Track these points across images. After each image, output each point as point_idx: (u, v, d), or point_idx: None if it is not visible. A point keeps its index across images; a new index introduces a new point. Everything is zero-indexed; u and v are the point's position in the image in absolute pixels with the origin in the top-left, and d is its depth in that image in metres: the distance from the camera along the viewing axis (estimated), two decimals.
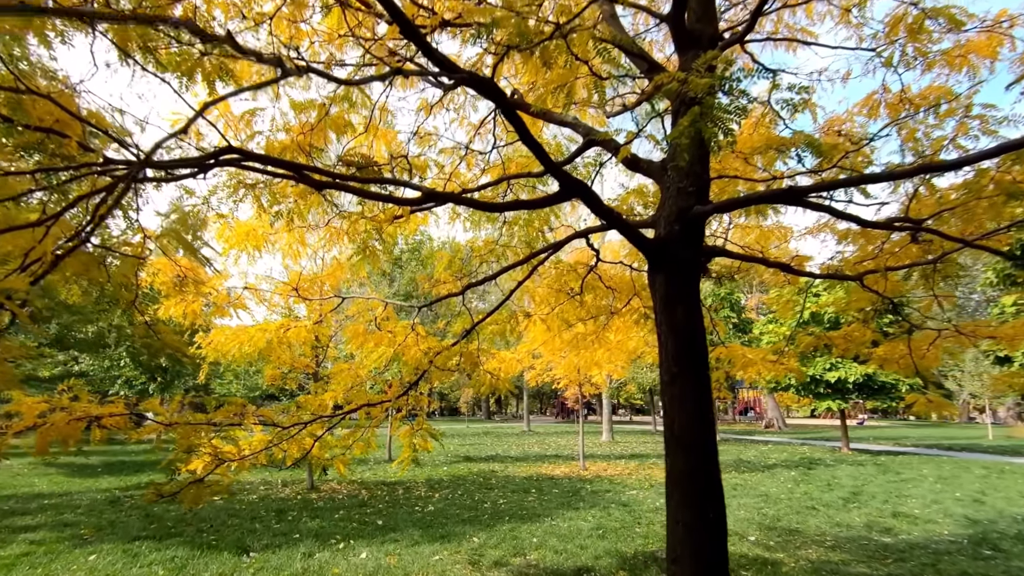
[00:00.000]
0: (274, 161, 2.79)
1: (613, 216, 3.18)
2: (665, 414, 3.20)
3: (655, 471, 15.58)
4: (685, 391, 3.09)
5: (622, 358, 9.44)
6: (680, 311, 3.22)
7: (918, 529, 8.83)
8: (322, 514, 9.63)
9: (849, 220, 3.54)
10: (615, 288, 6.29)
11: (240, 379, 29.91)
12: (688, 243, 3.31)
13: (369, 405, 4.05)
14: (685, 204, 3.30)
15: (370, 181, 3.07)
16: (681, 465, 3.05)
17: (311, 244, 6.04)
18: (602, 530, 8.46)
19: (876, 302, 5.33)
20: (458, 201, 3.40)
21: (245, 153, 2.61)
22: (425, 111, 5.98)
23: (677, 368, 3.13)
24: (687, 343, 3.18)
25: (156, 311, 5.47)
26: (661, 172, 3.51)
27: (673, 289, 3.26)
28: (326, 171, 2.87)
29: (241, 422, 3.57)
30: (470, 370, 4.47)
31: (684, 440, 3.05)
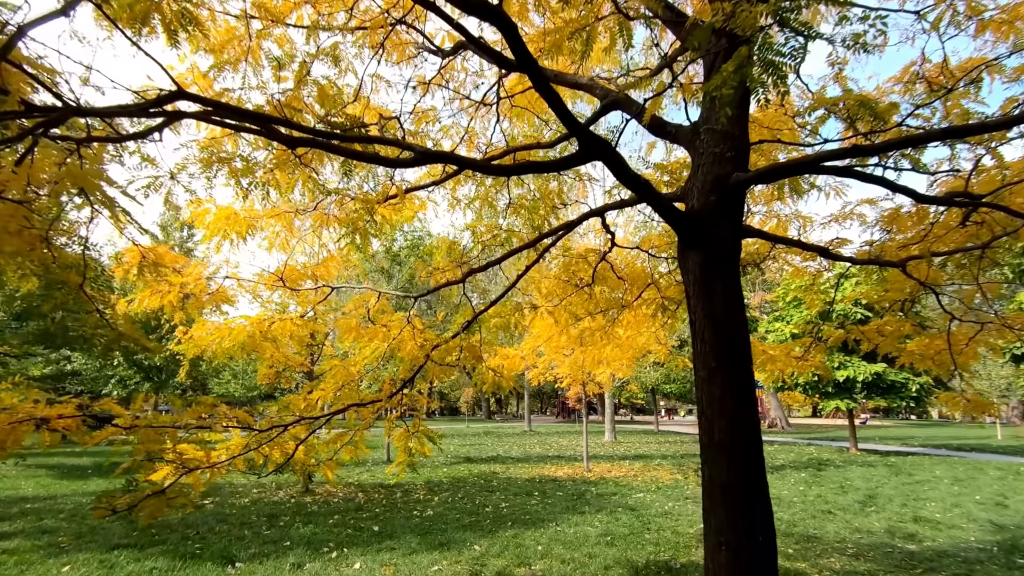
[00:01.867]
0: (234, 111, 2.34)
1: (640, 183, 2.74)
2: (701, 417, 2.76)
3: (661, 473, 15.14)
4: (726, 389, 2.65)
5: (630, 355, 9.00)
6: (719, 295, 2.77)
7: (943, 535, 8.39)
8: (316, 519, 9.19)
9: (905, 194, 3.10)
10: (627, 279, 5.84)
11: (239, 378, 29.43)
12: (727, 216, 2.87)
13: (358, 405, 3.60)
14: (722, 171, 2.86)
15: (354, 140, 2.63)
16: (724, 476, 2.60)
17: (300, 231, 5.61)
18: (610, 537, 8.01)
19: (915, 291, 4.88)
20: (457, 162, 2.93)
21: (198, 99, 2.16)
22: (422, 88, 5.54)
23: (716, 362, 2.69)
24: (727, 332, 2.74)
25: (129, 304, 5.04)
26: (692, 136, 3.07)
27: (710, 269, 2.81)
28: (301, 126, 2.44)
29: (211, 425, 3.12)
30: (472, 364, 4.03)
31: (727, 447, 2.60)
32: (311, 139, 2.49)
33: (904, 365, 16.65)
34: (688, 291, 2.93)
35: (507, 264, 8.77)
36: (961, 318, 4.94)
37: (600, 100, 3.37)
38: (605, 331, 6.73)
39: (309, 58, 3.22)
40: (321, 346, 13.18)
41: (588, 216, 3.71)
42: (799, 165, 2.81)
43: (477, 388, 5.79)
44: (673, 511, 9.81)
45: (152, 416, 3.20)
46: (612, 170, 2.65)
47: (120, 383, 23.56)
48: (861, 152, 2.58)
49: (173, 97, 2.12)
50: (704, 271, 2.84)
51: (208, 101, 2.18)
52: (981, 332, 5.19)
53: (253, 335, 4.76)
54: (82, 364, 22.92)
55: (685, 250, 2.98)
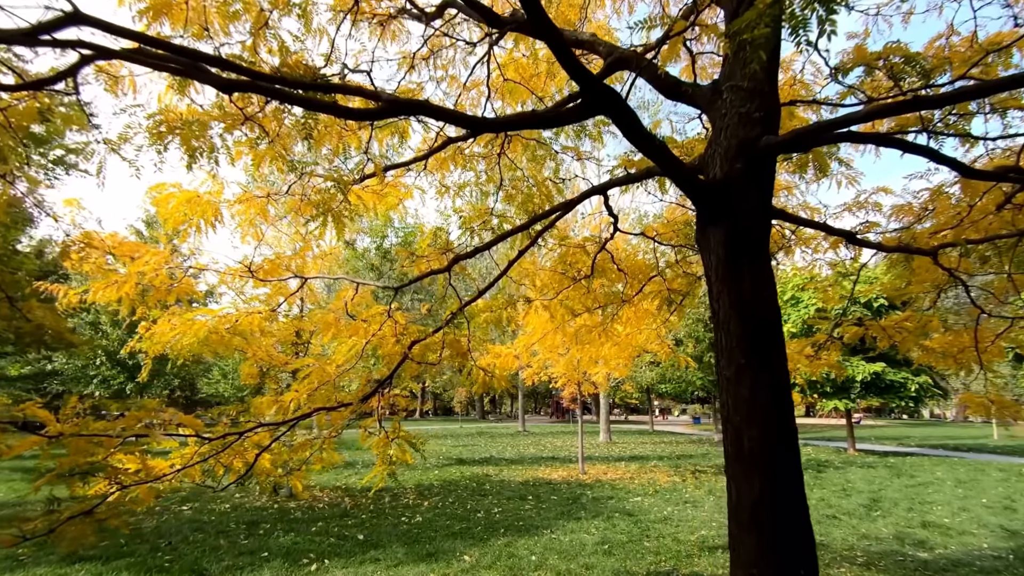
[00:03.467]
0: (150, 41, 1.89)
1: (654, 145, 2.32)
2: (727, 424, 2.34)
3: (658, 475, 14.76)
4: (757, 390, 2.24)
5: (628, 354, 8.59)
6: (747, 278, 2.37)
7: (954, 542, 8.03)
8: (298, 526, 8.72)
9: (950, 166, 2.70)
10: (627, 272, 5.43)
11: (228, 378, 28.81)
12: (755, 186, 2.46)
13: (325, 409, 3.16)
14: (750, 134, 2.45)
15: (305, 86, 2.19)
16: (755, 496, 2.18)
17: (275, 220, 5.16)
18: (608, 545, 7.60)
19: (942, 283, 4.49)
20: (435, 113, 2.47)
21: (100, 23, 1.70)
22: (407, 63, 5.10)
23: (745, 358, 2.28)
24: (758, 322, 2.33)
25: (82, 297, 4.57)
26: (713, 97, 2.66)
27: (736, 249, 2.41)
28: (240, 67, 2.01)
29: (149, 433, 2.67)
30: (458, 363, 3.60)
31: (759, 460, 2.19)
32: (250, 82, 2.05)
33: (903, 365, 16.24)
34: (709, 275, 2.52)
35: (500, 256, 8.32)
36: (991, 312, 4.55)
37: (604, 58, 2.95)
38: (604, 328, 6.31)
39: (270, 5, 2.78)
40: (307, 345, 12.71)
41: (589, 195, 3.29)
42: (842, 123, 2.39)
43: (467, 388, 5.35)
44: (673, 516, 9.42)
45: (84, 423, 2.75)
46: (621, 128, 2.23)
47: (103, 383, 22.93)
48: (922, 104, 2.18)
49: (67, 21, 1.68)
50: (729, 251, 2.42)
51: (115, 28, 1.73)
52: (1009, 328, 4.82)
53: (216, 330, 4.30)
54: (63, 364, 22.28)
55: (706, 227, 2.56)
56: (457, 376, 31.69)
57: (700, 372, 28.01)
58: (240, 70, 1.99)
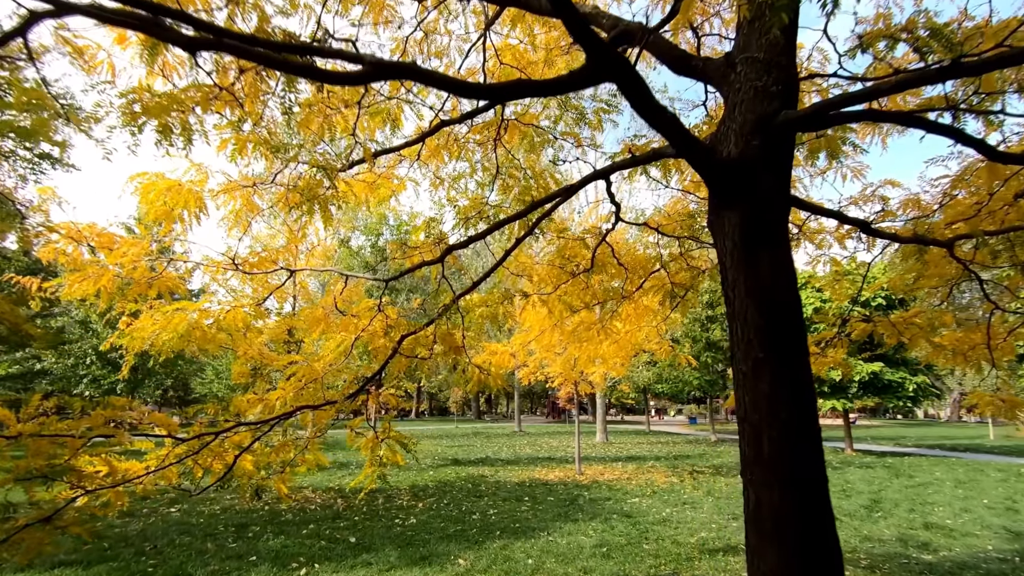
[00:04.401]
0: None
1: (665, 117, 2.13)
2: (743, 424, 2.15)
3: (655, 475, 14.60)
4: (778, 386, 2.06)
5: (627, 352, 8.41)
6: (765, 264, 2.19)
7: (958, 544, 7.89)
8: (288, 529, 8.50)
9: (978, 148, 2.54)
10: (628, 266, 5.25)
11: (222, 377, 28.52)
12: (773, 165, 2.29)
13: (308, 408, 2.96)
14: (767, 109, 2.28)
15: (280, 48, 2.00)
16: (777, 504, 1.99)
17: (264, 212, 4.95)
18: (606, 548, 7.42)
19: (955, 277, 4.33)
20: (425, 78, 2.23)
21: None
22: (400, 52, 4.91)
23: (764, 351, 2.10)
24: (778, 312, 2.15)
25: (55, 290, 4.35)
26: (726, 71, 2.48)
27: (753, 233, 2.22)
28: (206, 23, 1.81)
29: (116, 433, 2.47)
30: (452, 359, 3.40)
31: (781, 464, 2.00)
32: (216, 40, 1.85)
33: (901, 365, 16.11)
34: (724, 261, 2.33)
35: (497, 250, 8.11)
36: (1005, 308, 4.39)
37: (608, 31, 2.76)
38: (603, 325, 6.14)
39: None
40: (300, 343, 12.50)
41: (590, 179, 3.11)
42: (867, 95, 2.21)
43: (461, 387, 5.16)
44: (671, 518, 9.25)
45: (48, 422, 2.54)
46: (630, 97, 2.05)
47: (93, 382, 22.61)
48: (962, 71, 2.00)
49: None
50: (746, 236, 2.24)
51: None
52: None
53: (198, 326, 4.09)
54: (52, 363, 21.94)
55: (720, 210, 2.37)
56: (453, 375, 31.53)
57: (697, 372, 27.91)
58: (206, 27, 1.80)
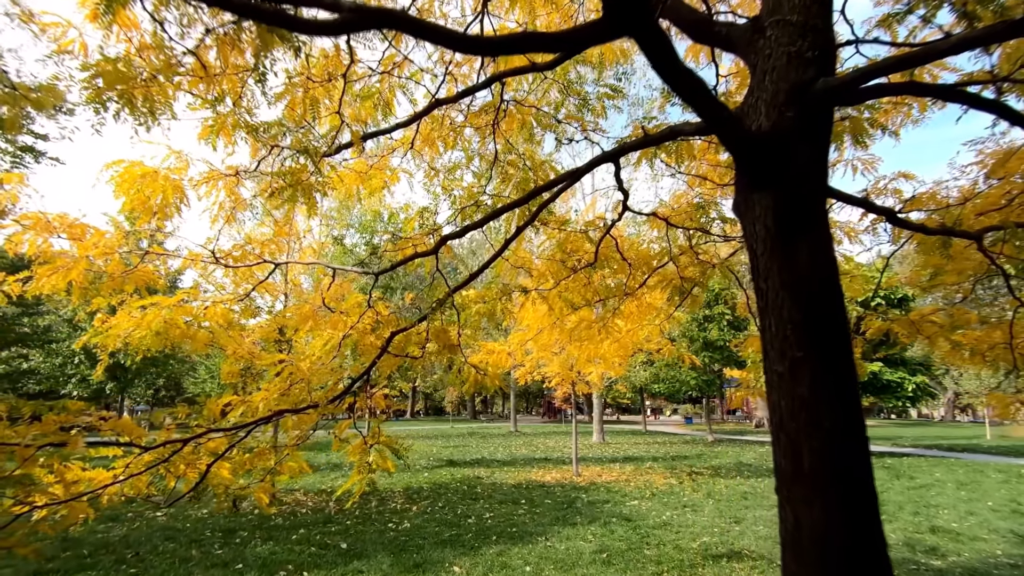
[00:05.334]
0: None
1: (691, 81, 1.87)
2: (779, 433, 1.88)
3: (654, 477, 14.38)
4: (821, 390, 1.81)
5: (627, 351, 8.17)
6: (804, 251, 1.94)
7: (966, 548, 7.70)
8: (278, 534, 8.22)
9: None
10: (632, 261, 5.01)
11: (215, 377, 28.15)
12: (811, 140, 2.04)
13: (290, 411, 2.71)
14: (803, 77, 2.02)
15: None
16: (821, 524, 1.73)
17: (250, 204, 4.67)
18: (607, 553, 7.18)
19: (978, 272, 4.11)
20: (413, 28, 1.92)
21: None
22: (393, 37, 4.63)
23: (803, 350, 1.85)
24: (819, 306, 1.90)
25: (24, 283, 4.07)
26: (753, 36, 2.22)
27: (789, 217, 1.97)
28: None
29: (67, 440, 2.20)
30: (446, 358, 3.15)
31: (825, 479, 1.75)
32: None
33: (900, 364, 16.01)
34: (754, 250, 2.08)
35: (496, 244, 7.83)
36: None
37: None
38: (604, 323, 5.89)
39: None
40: (291, 342, 12.21)
41: (598, 162, 2.85)
42: (920, 58, 1.96)
43: (457, 387, 4.90)
44: (672, 521, 9.02)
45: None
46: (650, 55, 1.80)
47: (82, 382, 22.21)
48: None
49: None
50: (780, 218, 1.99)
51: None
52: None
53: (173, 322, 3.82)
54: (40, 362, 21.53)
55: (750, 192, 2.12)
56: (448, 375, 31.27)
57: (694, 372, 27.73)
58: None
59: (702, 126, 2.41)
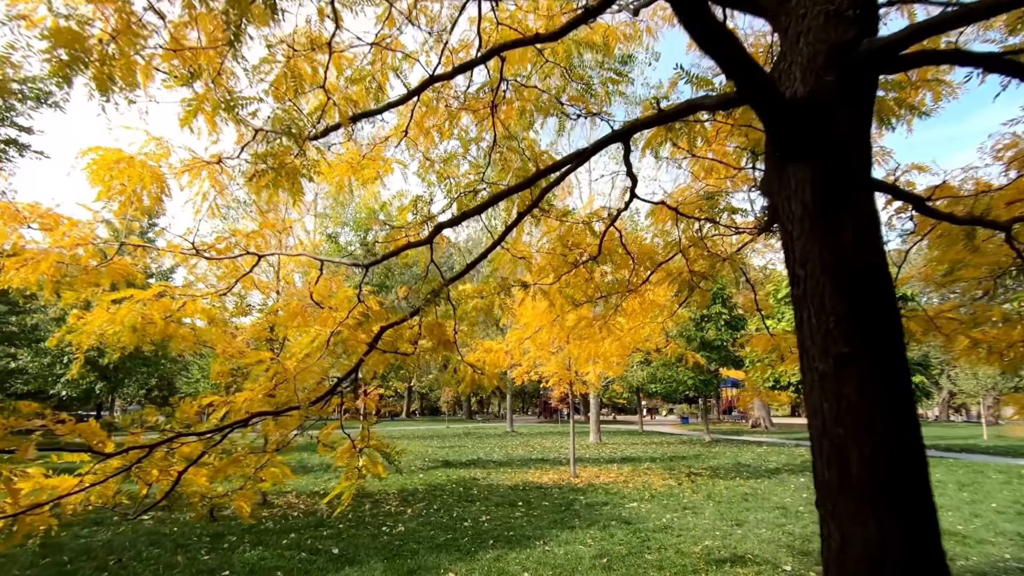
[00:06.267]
0: None
1: (723, 37, 1.66)
2: (820, 439, 1.64)
3: (652, 478, 14.19)
4: (869, 389, 1.58)
5: (628, 350, 7.96)
6: (848, 230, 1.71)
7: (974, 552, 7.53)
8: (267, 539, 7.98)
9: None
10: (636, 256, 4.79)
11: (208, 377, 27.78)
12: (853, 106, 1.83)
13: (267, 414, 2.48)
14: (843, 37, 1.80)
15: None
16: (873, 544, 1.50)
17: (237, 196, 4.44)
18: (607, 558, 6.97)
19: (1002, 266, 3.91)
20: None
21: None
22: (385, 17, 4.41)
23: (850, 344, 1.62)
24: (868, 292, 1.68)
25: None
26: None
27: (833, 189, 1.75)
28: None
29: (19, 447, 1.96)
30: (441, 355, 2.93)
31: (877, 492, 1.51)
32: None
33: None
34: (789, 232, 1.85)
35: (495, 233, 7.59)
36: None
37: None
38: (605, 321, 5.68)
39: None
40: (283, 341, 11.96)
41: (606, 143, 2.63)
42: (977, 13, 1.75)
43: (453, 387, 4.67)
44: (673, 524, 8.82)
45: None
46: (679, 9, 1.58)
47: (71, 383, 21.82)
48: None
49: None
50: (821, 194, 1.76)
51: None
52: None
53: (149, 317, 3.57)
54: (28, 361, 21.15)
55: (783, 166, 1.89)
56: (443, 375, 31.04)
57: (691, 372, 27.58)
58: None
59: (724, 98, 2.19)
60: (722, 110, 2.55)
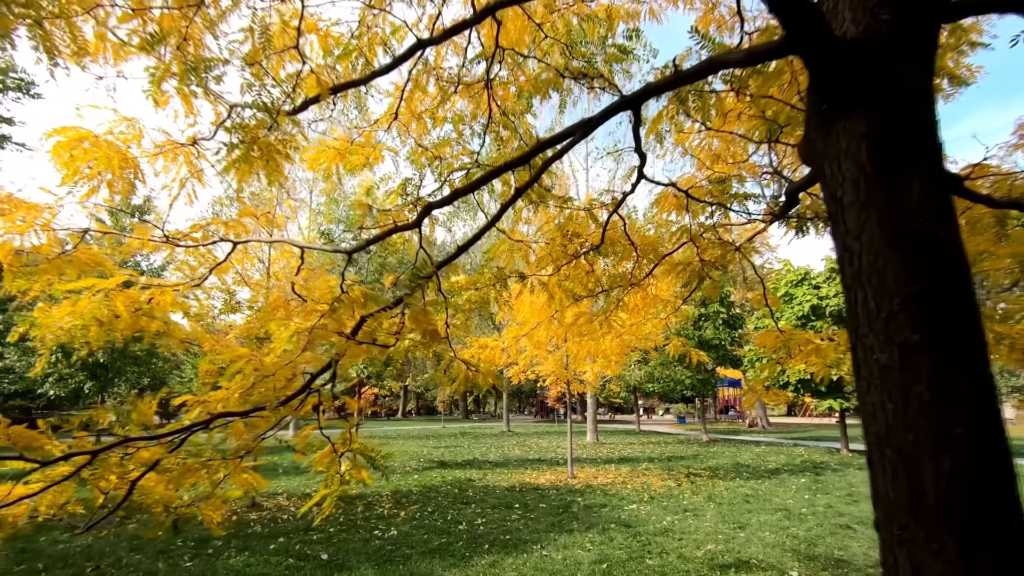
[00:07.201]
0: None
1: None
2: (881, 447, 1.33)
3: (651, 478, 13.95)
4: (948, 387, 1.30)
5: (628, 348, 7.70)
6: (915, 193, 1.42)
7: None
8: (254, 544, 7.69)
9: None
10: (639, 247, 4.53)
11: None
12: (915, 47, 1.56)
13: (233, 415, 2.20)
14: None
15: None
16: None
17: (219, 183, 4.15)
18: (607, 563, 6.71)
19: None
20: None
21: None
22: None
23: (920, 331, 1.33)
24: (942, 267, 1.41)
25: None
26: None
27: (895, 145, 1.48)
28: None
29: None
30: (429, 348, 2.66)
31: (961, 519, 1.23)
32: None
33: None
34: (839, 198, 1.56)
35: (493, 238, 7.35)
36: None
37: None
38: (607, 316, 5.41)
39: None
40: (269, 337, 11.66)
41: (615, 110, 2.35)
42: None
43: (446, 386, 4.40)
44: (674, 527, 8.57)
45: None
46: None
47: (59, 381, 21.40)
48: None
49: None
50: (880, 153, 1.47)
51: None
52: None
53: (114, 309, 3.28)
54: (15, 360, 20.74)
55: (833, 120, 1.60)
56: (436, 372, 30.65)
57: (689, 371, 27.35)
58: None
59: (752, 52, 1.92)
60: (751, 64, 2.28)
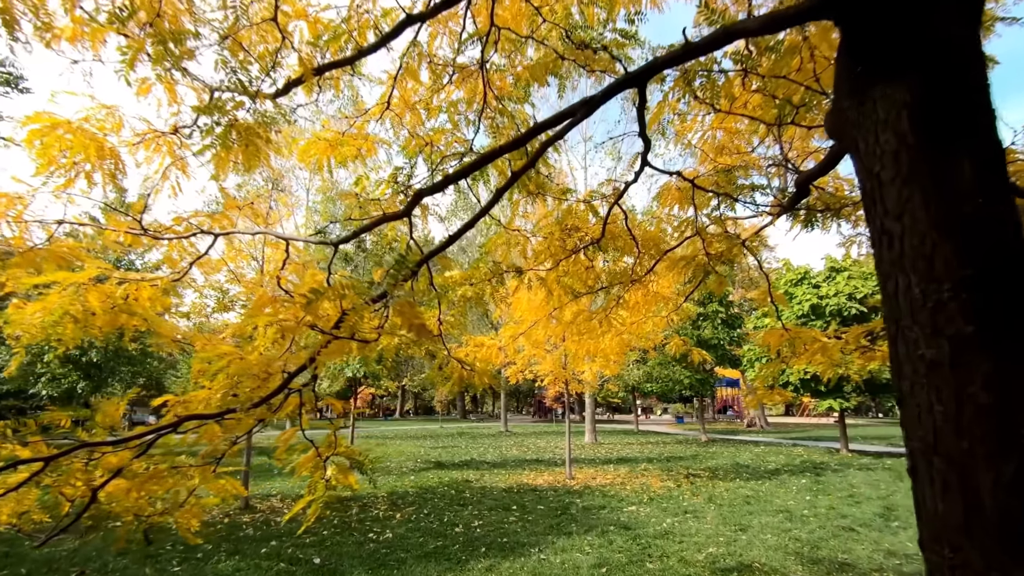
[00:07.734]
0: None
1: None
2: (929, 455, 1.15)
3: (650, 479, 13.79)
4: (1009, 385, 1.15)
5: (628, 346, 7.53)
6: (967, 171, 1.24)
7: None
8: (246, 547, 7.50)
9: None
10: (640, 242, 4.37)
11: None
12: (960, 7, 1.39)
13: (202, 417, 2.03)
14: None
15: None
16: None
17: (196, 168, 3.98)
18: (606, 568, 6.55)
19: None
20: None
21: None
22: None
23: (974, 323, 1.14)
24: (995, 251, 1.25)
25: None
26: None
27: (942, 114, 1.32)
28: None
29: None
30: (418, 343, 2.50)
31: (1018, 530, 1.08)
32: None
33: None
34: (876, 174, 1.37)
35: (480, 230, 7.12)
36: None
37: None
38: (607, 314, 5.25)
39: None
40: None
41: (619, 88, 2.19)
42: None
43: (441, 385, 4.23)
44: (674, 530, 8.41)
45: None
46: None
47: (52, 381, 21.20)
48: None
49: None
50: (925, 122, 1.29)
51: None
52: None
53: (87, 305, 3.10)
54: (6, 360, 20.50)
55: (868, 87, 1.40)
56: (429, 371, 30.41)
57: (688, 371, 27.22)
58: None
59: (771, 17, 1.75)
60: (769, 33, 2.13)
